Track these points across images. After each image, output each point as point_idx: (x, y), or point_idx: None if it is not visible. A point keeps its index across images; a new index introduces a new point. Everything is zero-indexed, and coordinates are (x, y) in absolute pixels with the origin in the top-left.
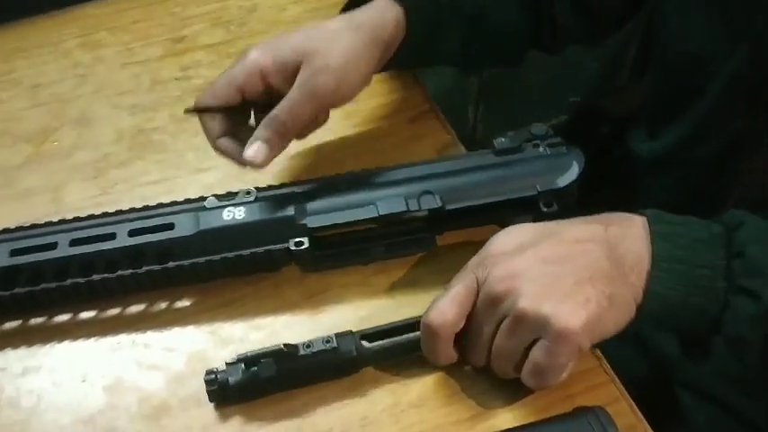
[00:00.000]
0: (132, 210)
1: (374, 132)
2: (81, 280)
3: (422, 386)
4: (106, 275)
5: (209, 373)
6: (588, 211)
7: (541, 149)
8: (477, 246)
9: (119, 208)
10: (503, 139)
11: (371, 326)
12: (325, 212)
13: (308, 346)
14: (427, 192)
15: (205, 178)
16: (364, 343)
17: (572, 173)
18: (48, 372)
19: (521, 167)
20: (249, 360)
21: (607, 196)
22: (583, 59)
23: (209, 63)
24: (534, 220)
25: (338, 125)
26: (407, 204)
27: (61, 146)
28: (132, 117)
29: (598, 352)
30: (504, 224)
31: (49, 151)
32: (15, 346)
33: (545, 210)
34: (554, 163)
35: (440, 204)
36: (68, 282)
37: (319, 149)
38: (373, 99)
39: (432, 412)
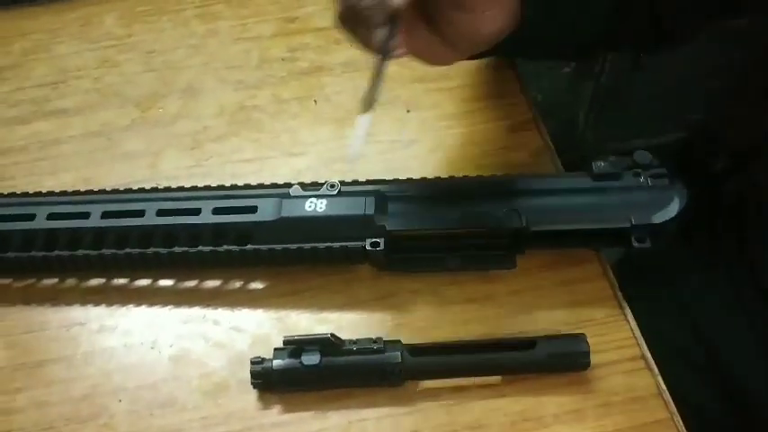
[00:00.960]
0: (220, 187)
1: (470, 137)
2: (163, 250)
3: (482, 408)
4: (187, 249)
5: (255, 360)
6: (693, 247)
7: (642, 179)
8: (558, 267)
9: (209, 181)
10: (602, 163)
11: (432, 337)
12: (406, 216)
13: (354, 343)
14: (513, 210)
15: (296, 162)
16: (413, 356)
17: (671, 210)
18: (122, 333)
19: (617, 196)
20: (295, 344)
21: (715, 232)
22: (705, 75)
23: (316, 47)
24: (624, 254)
25: (434, 126)
26: (491, 220)
27: (166, 113)
28: (236, 93)
29: (672, 406)
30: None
31: (153, 117)
32: (96, 303)
33: (636, 245)
34: (654, 196)
35: (524, 225)
36: (151, 251)
37: (411, 149)
38: (474, 102)
39: None
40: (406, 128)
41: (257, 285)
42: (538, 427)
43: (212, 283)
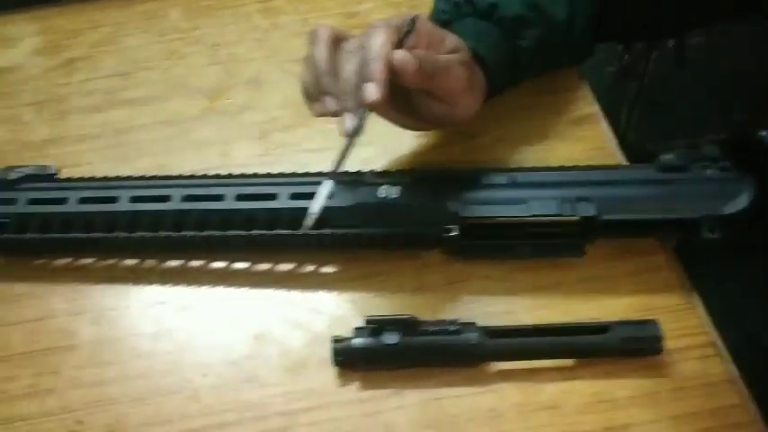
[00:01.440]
0: (294, 174)
1: (533, 129)
2: (242, 233)
3: (557, 390)
4: (264, 232)
5: (336, 338)
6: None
7: (709, 172)
8: (627, 257)
9: (280, 169)
10: (669, 156)
11: (504, 322)
12: (479, 204)
13: (433, 324)
14: (584, 198)
15: (362, 152)
16: (488, 338)
17: (741, 201)
18: (202, 312)
19: (686, 188)
20: (375, 323)
21: None
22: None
23: None
24: (693, 245)
25: (495, 117)
26: (561, 208)
27: (233, 104)
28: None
29: (745, 391)
30: (660, 240)
31: (222, 108)
32: (176, 283)
33: (708, 235)
34: (723, 188)
35: (595, 213)
36: (230, 233)
37: (475, 139)
38: (536, 96)
39: (564, 417)
40: (470, 120)
41: (330, 269)
42: (613, 408)
43: (287, 266)
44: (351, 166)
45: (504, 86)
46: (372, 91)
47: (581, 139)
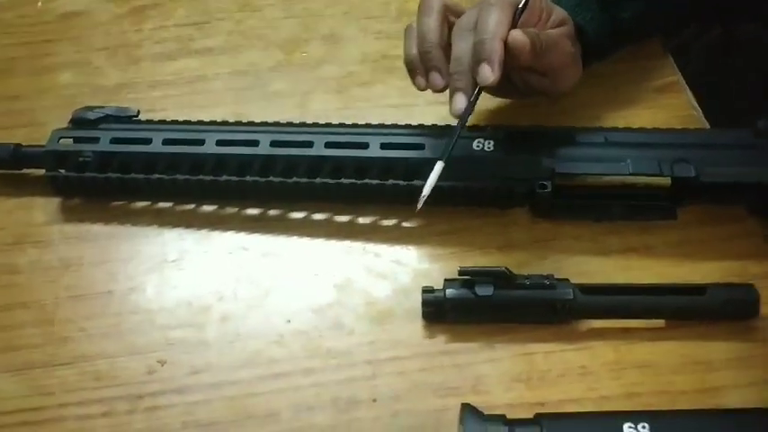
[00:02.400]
0: (383, 125)
1: (618, 94)
2: (330, 181)
3: (648, 349)
4: (354, 181)
5: (426, 288)
6: None
7: None
8: (718, 222)
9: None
10: (766, 121)
11: (596, 281)
12: (574, 161)
13: (527, 278)
14: (682, 160)
15: (442, 111)
16: (582, 294)
17: None
18: (284, 259)
19: None
20: (469, 275)
21: None
22: None
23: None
24: None
25: (579, 82)
26: (661, 168)
27: (310, 57)
28: (378, 42)
29: None
30: (753, 206)
31: (298, 60)
32: (257, 230)
33: None
34: None
35: (694, 174)
36: (318, 181)
37: (559, 104)
38: (620, 63)
39: (656, 377)
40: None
41: (414, 223)
42: (707, 370)
43: (369, 219)
44: (429, 122)
45: (601, 57)
46: (488, 73)
47: (666, 107)
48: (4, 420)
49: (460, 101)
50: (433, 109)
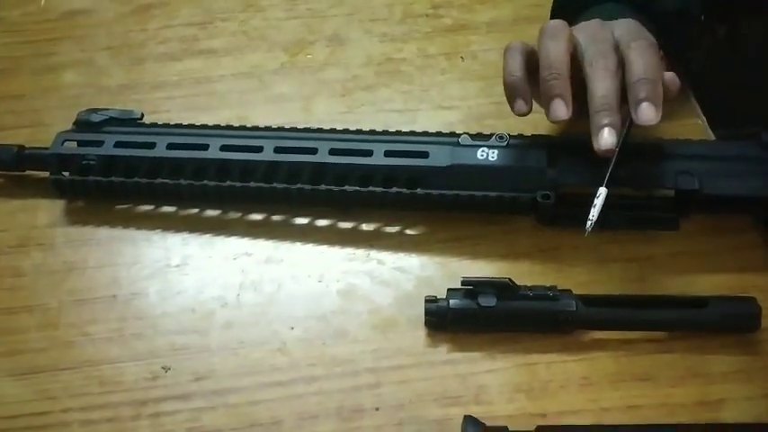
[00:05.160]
0: (386, 132)
1: None
2: (335, 188)
3: (650, 362)
4: (358, 189)
5: (429, 298)
6: None
7: None
8: (720, 233)
9: (363, 128)
10: None
11: (594, 292)
12: (577, 171)
13: (530, 289)
14: (686, 172)
15: (447, 116)
16: (585, 305)
17: None
18: (288, 265)
19: None
20: (472, 285)
21: None
22: None
23: (459, 5)
24: None
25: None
26: (663, 180)
27: (314, 59)
28: (382, 45)
29: None
30: (757, 219)
31: (302, 62)
32: (260, 236)
33: None
34: None
35: (697, 187)
36: (323, 187)
37: None
38: None
39: (657, 389)
40: None
41: (418, 230)
42: (706, 383)
43: (372, 226)
44: (433, 128)
45: None
46: (652, 114)
47: (671, 115)
48: (8, 425)
49: (611, 136)
50: (437, 114)
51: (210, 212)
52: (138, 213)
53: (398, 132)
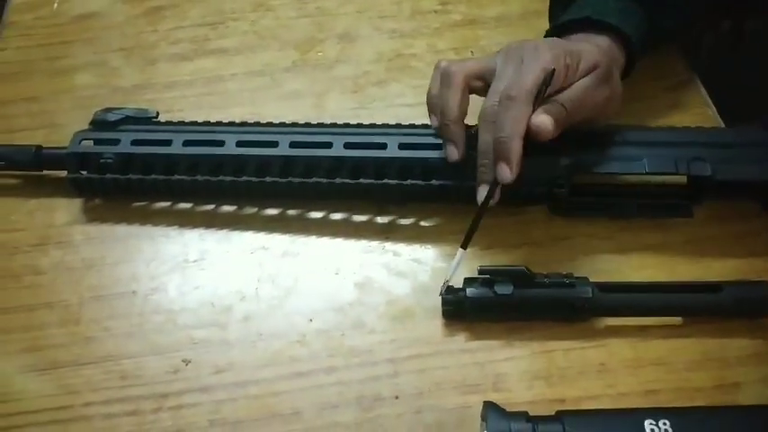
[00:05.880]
0: (399, 125)
1: (632, 93)
2: (350, 181)
3: (666, 347)
4: (373, 181)
5: (446, 287)
6: None
7: None
8: (733, 220)
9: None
10: None
11: (610, 279)
12: (592, 160)
13: (546, 276)
14: (698, 158)
15: None
16: (601, 292)
17: None
18: (305, 259)
19: None
20: (489, 274)
21: None
22: None
23: (467, 1)
24: None
25: None
26: (677, 167)
27: (325, 56)
28: (392, 41)
29: None
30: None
31: (313, 60)
32: (277, 230)
33: None
34: None
35: (710, 173)
36: (338, 181)
37: None
38: None
39: (673, 374)
40: None
41: (432, 222)
42: (722, 367)
43: (387, 218)
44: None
45: (638, 63)
46: (507, 173)
47: (680, 104)
48: (31, 419)
49: (482, 191)
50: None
51: (227, 208)
52: (156, 210)
53: (412, 125)
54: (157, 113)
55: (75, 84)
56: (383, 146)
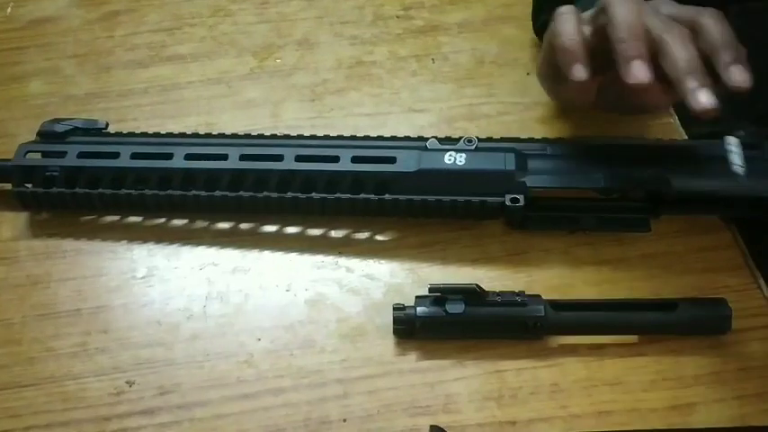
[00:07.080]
0: (354, 137)
1: None
2: (302, 195)
3: (621, 366)
4: (325, 196)
5: (397, 306)
6: None
7: None
8: (691, 234)
9: (332, 133)
10: (741, 133)
11: (566, 295)
12: (546, 174)
13: (498, 294)
14: (657, 172)
15: (417, 119)
16: (554, 310)
17: None
18: (255, 275)
19: (760, 165)
20: (439, 292)
21: None
22: None
23: (430, 6)
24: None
25: None
26: (636, 181)
27: (283, 63)
28: (352, 48)
29: None
30: (727, 218)
31: (271, 67)
32: (227, 245)
33: None
34: None
35: (668, 187)
36: (289, 195)
37: (534, 111)
38: None
39: (628, 394)
40: (527, 90)
41: (387, 236)
42: (678, 386)
43: (341, 233)
44: (404, 131)
45: None
46: (745, 75)
47: (641, 116)
48: None
49: (708, 95)
50: (408, 117)
51: (177, 222)
52: (104, 224)
53: (366, 137)
54: (107, 124)
55: (28, 92)
56: (335, 159)
